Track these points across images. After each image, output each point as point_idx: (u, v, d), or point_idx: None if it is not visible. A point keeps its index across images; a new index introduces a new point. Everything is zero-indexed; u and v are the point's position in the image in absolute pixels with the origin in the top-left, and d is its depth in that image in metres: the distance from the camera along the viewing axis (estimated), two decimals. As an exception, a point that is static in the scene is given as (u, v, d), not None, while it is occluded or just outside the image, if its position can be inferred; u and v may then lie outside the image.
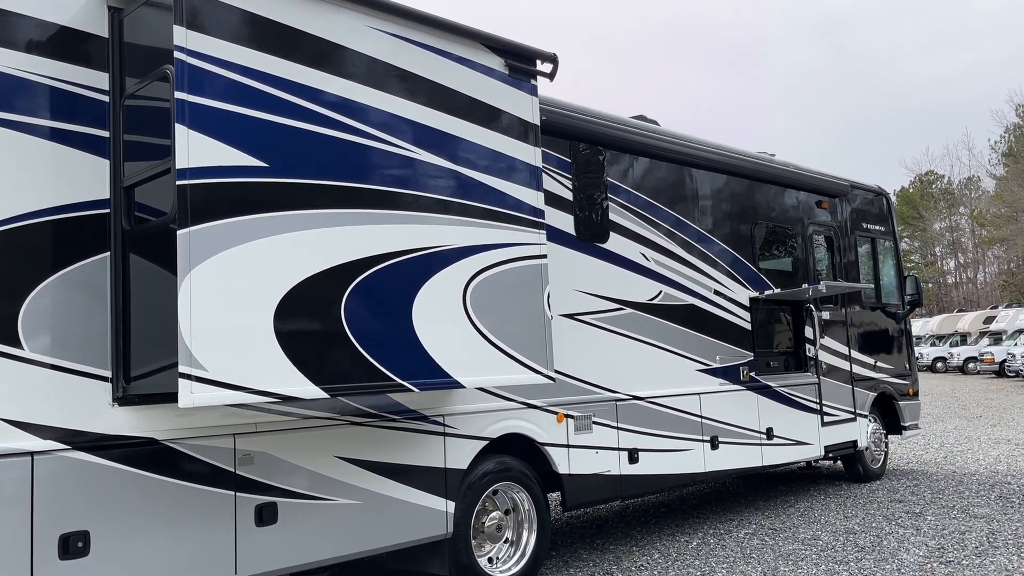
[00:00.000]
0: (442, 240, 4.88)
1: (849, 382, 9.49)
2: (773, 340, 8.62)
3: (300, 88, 4.34)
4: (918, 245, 71.76)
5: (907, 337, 10.80)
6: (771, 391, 8.31)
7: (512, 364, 5.15)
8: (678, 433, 7.20)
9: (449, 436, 5.49)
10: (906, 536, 7.06)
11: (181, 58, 3.86)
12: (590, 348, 6.59)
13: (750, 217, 8.51)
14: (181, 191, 3.80)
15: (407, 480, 5.19)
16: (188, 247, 3.78)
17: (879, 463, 10.08)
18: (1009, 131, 59.79)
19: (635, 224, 7.15)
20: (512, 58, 5.48)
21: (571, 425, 6.32)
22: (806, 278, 9.05)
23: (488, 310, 5.04)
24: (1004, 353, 32.57)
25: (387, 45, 4.79)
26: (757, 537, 7.25)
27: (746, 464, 7.91)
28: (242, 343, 3.92)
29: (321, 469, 4.78)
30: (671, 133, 7.87)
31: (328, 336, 4.27)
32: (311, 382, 4.13)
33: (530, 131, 5.54)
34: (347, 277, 4.37)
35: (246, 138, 4.07)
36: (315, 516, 4.71)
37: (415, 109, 4.86)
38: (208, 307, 3.80)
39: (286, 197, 4.19)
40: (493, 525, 5.78)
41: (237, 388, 3.86)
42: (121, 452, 4.07)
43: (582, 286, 6.59)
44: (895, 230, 10.99)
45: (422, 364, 4.64)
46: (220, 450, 4.39)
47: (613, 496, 6.75)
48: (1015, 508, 8.04)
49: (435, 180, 4.91)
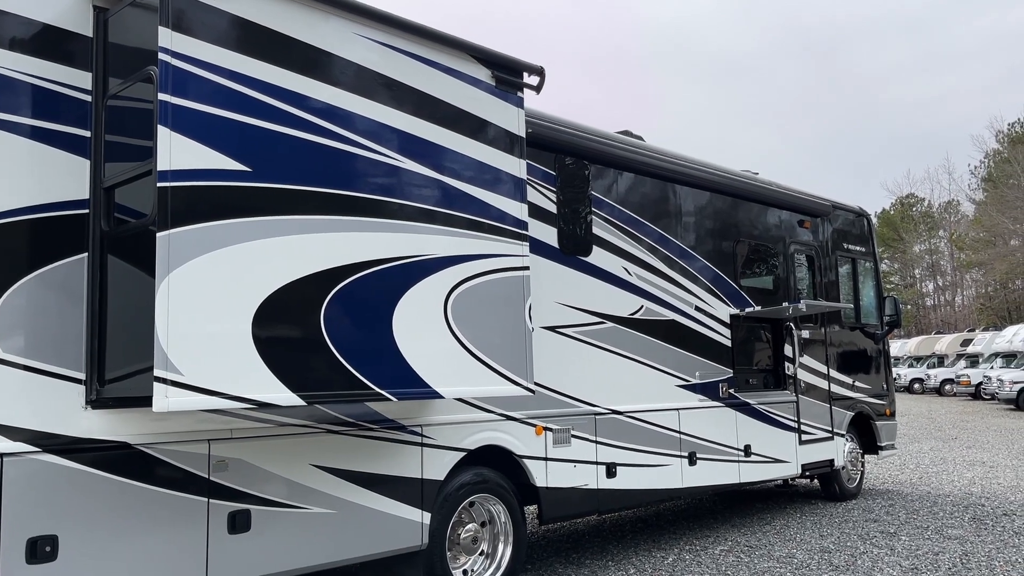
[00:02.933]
0: (424, 249, 4.87)
1: (827, 401, 9.54)
2: (753, 358, 8.65)
3: (286, 93, 4.32)
4: (898, 267, 72.46)
5: (885, 358, 10.89)
6: (750, 408, 8.33)
7: (492, 375, 5.13)
8: (656, 448, 7.20)
9: (427, 447, 5.46)
10: (880, 556, 7.09)
11: (165, 60, 3.83)
12: (571, 361, 6.59)
13: (732, 234, 8.56)
14: (162, 193, 3.77)
15: (383, 490, 5.15)
16: (167, 250, 3.75)
17: (855, 482, 10.13)
18: (989, 156, 60.66)
19: (618, 238, 7.17)
20: (499, 70, 5.49)
21: (550, 438, 6.31)
22: (787, 296, 9.11)
23: (469, 321, 5.03)
24: (980, 376, 32.92)
25: (375, 53, 4.79)
26: (733, 554, 7.25)
27: (723, 481, 7.92)
28: (219, 348, 3.89)
29: (296, 477, 4.73)
30: (656, 149, 7.91)
31: (306, 343, 4.24)
32: (288, 389, 4.10)
33: (515, 143, 5.54)
34: (327, 284, 4.35)
35: (229, 142, 4.04)
36: (289, 524, 4.67)
37: (401, 118, 4.86)
38: (186, 311, 3.76)
39: (268, 202, 4.17)
40: (469, 537, 5.75)
41: (213, 393, 3.82)
42: (93, 456, 4.01)
43: (564, 299, 6.60)
44: (875, 251, 11.09)
45: (401, 373, 4.62)
46: (194, 456, 4.34)
47: (590, 510, 6.73)
48: (988, 530, 8.10)
49: (419, 189, 4.90)
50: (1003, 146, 58.59)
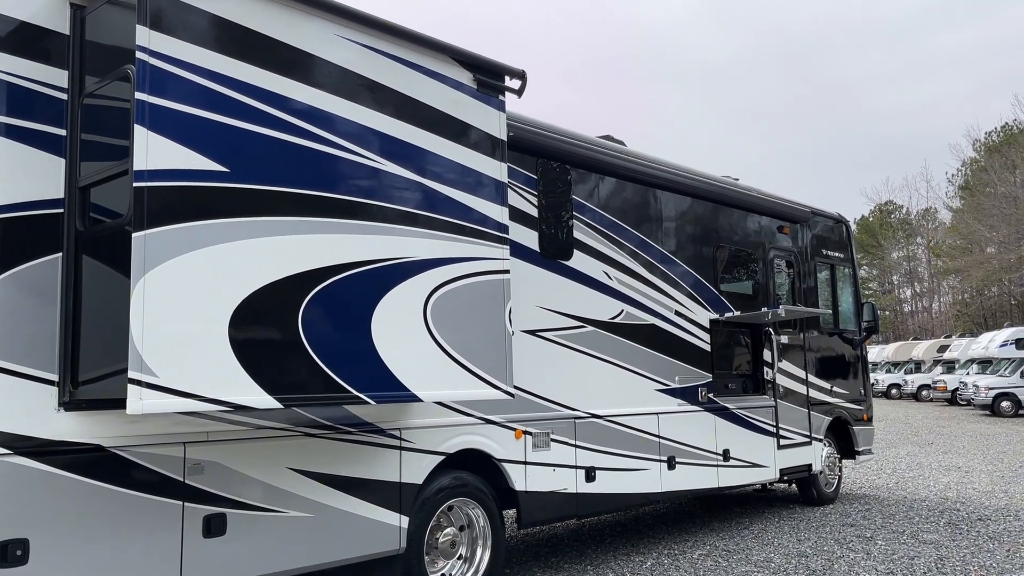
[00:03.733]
0: (404, 252, 4.85)
1: (805, 406, 9.61)
2: (732, 362, 8.69)
3: (265, 94, 4.29)
4: (876, 273, 73.15)
5: (863, 363, 10.97)
6: (729, 413, 8.37)
7: (471, 379, 5.12)
8: (636, 452, 7.21)
9: (405, 450, 5.43)
10: (856, 560, 7.14)
11: (143, 58, 3.80)
12: (551, 365, 6.59)
13: (712, 240, 8.60)
14: (138, 193, 3.73)
15: (361, 494, 5.12)
16: (143, 250, 3.70)
17: (832, 487, 10.20)
18: (966, 165, 61.39)
19: (599, 243, 7.19)
20: (481, 73, 5.48)
21: (529, 442, 6.30)
22: (766, 302, 9.16)
23: (449, 324, 5.01)
24: (956, 382, 33.27)
25: (356, 55, 4.77)
26: (711, 558, 7.27)
27: (702, 485, 7.95)
28: (195, 350, 3.85)
29: (273, 480, 4.70)
30: (637, 154, 7.93)
31: (284, 345, 4.20)
32: (265, 392, 4.06)
33: (497, 146, 5.54)
34: (306, 286, 4.32)
35: (207, 142, 4.01)
36: (265, 528, 4.63)
37: (381, 120, 4.84)
38: (161, 312, 3.72)
39: (247, 203, 4.13)
40: (447, 541, 5.73)
41: (188, 396, 3.78)
42: (66, 459, 3.96)
43: (545, 303, 6.60)
44: (854, 257, 11.18)
45: (379, 376, 4.59)
46: (169, 459, 4.30)
47: (569, 514, 6.73)
48: (963, 535, 8.17)
49: (399, 192, 4.88)
50: (980, 155, 59.31)
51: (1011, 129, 56.13)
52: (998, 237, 50.44)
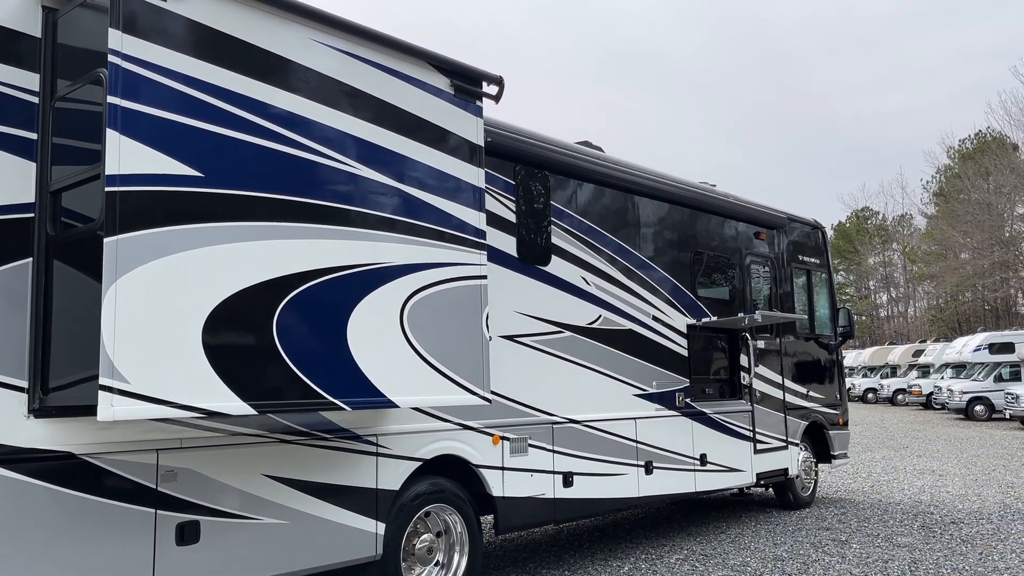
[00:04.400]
0: (380, 258, 4.83)
1: (782, 411, 9.67)
2: (709, 367, 8.74)
3: (241, 99, 4.26)
4: (853, 278, 73.89)
5: (838, 368, 11.07)
6: (706, 418, 8.41)
7: (448, 384, 5.11)
8: (613, 457, 7.23)
9: (382, 456, 5.41)
10: (832, 564, 7.19)
11: (116, 62, 3.76)
12: (528, 370, 6.59)
13: (690, 245, 8.65)
14: (110, 198, 3.69)
15: (336, 500, 5.09)
16: (115, 255, 3.66)
17: (809, 491, 10.28)
18: (940, 172, 62.22)
19: (577, 248, 7.21)
20: (458, 78, 5.48)
21: (507, 447, 6.30)
22: (742, 307, 9.22)
23: (426, 329, 5.00)
24: (931, 386, 33.67)
25: (333, 60, 4.75)
26: (688, 563, 7.30)
27: (680, 489, 7.98)
28: (168, 356, 3.81)
29: (248, 487, 4.66)
30: (615, 160, 7.96)
31: (258, 351, 4.17)
32: (239, 398, 4.03)
33: (474, 152, 5.54)
34: (281, 291, 4.29)
35: (181, 146, 3.97)
36: (239, 536, 4.59)
37: (358, 125, 4.82)
38: (133, 317, 3.68)
39: (221, 208, 4.10)
40: (424, 547, 5.71)
41: (160, 402, 3.74)
42: (35, 466, 3.90)
43: (523, 308, 6.60)
44: (830, 263, 11.29)
45: (355, 382, 4.57)
46: (142, 466, 4.25)
47: (547, 519, 6.73)
48: (937, 538, 8.26)
49: (375, 197, 4.86)
50: (954, 162, 60.13)
51: (984, 137, 56.95)
52: (972, 243, 51.18)
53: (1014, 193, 49.12)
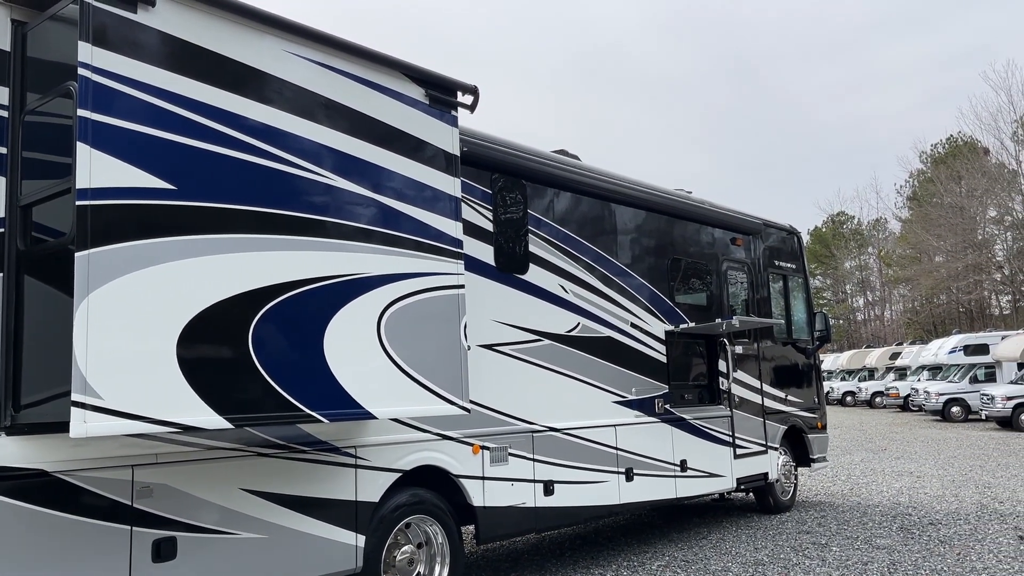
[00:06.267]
0: (357, 268, 4.82)
1: (761, 415, 9.73)
2: (688, 373, 8.78)
3: (213, 111, 4.24)
4: (830, 282, 74.57)
5: (816, 372, 11.16)
6: (685, 424, 8.44)
7: (426, 395, 5.09)
8: (594, 465, 7.23)
9: (361, 468, 5.38)
10: (812, 567, 7.23)
11: (86, 75, 3.73)
12: (507, 379, 6.59)
13: (667, 252, 8.69)
14: (81, 212, 3.66)
15: (315, 513, 5.05)
16: (87, 270, 3.63)
17: (789, 495, 10.34)
18: (913, 176, 63.09)
19: (555, 256, 7.22)
20: (433, 88, 5.49)
21: (487, 457, 6.29)
22: (720, 313, 9.27)
23: (403, 340, 4.99)
24: (908, 388, 34.01)
25: (307, 72, 4.74)
26: (670, 569, 7.31)
27: (660, 496, 7.99)
28: (141, 370, 3.77)
29: (225, 502, 4.61)
30: (592, 168, 8.00)
31: (234, 364, 4.14)
32: (215, 412, 3.99)
33: (450, 161, 5.54)
34: (256, 304, 4.26)
35: (153, 159, 3.94)
36: (217, 551, 4.54)
37: (332, 136, 4.81)
38: (106, 332, 3.64)
39: (194, 221, 4.07)
40: (405, 559, 5.68)
41: (135, 417, 3.70)
42: (7, 484, 3.84)
43: (501, 317, 6.60)
44: (806, 268, 11.38)
45: (333, 394, 4.55)
46: (117, 482, 4.20)
47: (528, 529, 6.72)
48: (915, 539, 8.33)
49: (351, 207, 4.85)
50: (926, 166, 60.95)
51: (956, 141, 57.81)
52: (945, 246, 51.82)
53: (986, 196, 49.87)
